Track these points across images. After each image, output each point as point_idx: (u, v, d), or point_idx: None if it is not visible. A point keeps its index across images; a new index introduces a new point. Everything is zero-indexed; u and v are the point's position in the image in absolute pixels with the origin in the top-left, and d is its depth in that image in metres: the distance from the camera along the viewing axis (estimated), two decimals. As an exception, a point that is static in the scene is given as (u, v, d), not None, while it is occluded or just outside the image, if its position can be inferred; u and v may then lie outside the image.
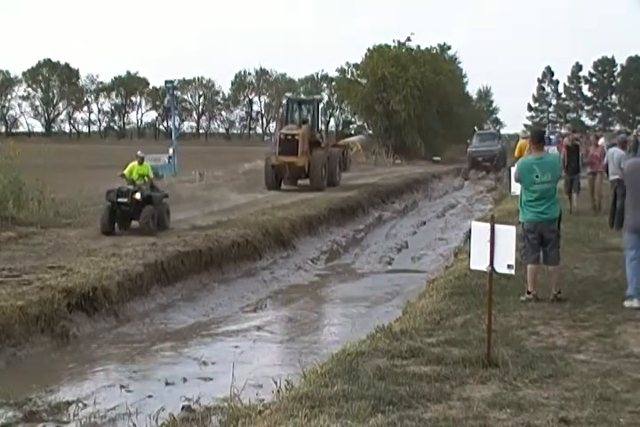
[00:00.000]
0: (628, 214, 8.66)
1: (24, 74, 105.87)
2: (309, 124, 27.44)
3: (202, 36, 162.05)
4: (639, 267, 8.60)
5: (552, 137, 37.55)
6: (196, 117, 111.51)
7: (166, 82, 38.12)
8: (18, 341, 9.67)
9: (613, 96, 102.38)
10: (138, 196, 16.16)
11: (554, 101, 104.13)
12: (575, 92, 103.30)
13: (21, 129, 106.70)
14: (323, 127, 30.34)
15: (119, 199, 16.15)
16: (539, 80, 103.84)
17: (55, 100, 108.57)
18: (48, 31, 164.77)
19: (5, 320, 9.56)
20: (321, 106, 30.12)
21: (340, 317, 12.53)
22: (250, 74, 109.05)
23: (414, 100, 51.53)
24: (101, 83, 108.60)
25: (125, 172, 17.21)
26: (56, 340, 10.20)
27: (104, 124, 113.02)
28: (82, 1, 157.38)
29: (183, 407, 7.42)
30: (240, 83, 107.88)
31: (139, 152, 17.64)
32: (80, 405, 7.90)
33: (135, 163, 17.36)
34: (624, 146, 16.55)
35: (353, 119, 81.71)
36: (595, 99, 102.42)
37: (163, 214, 16.77)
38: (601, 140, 23.54)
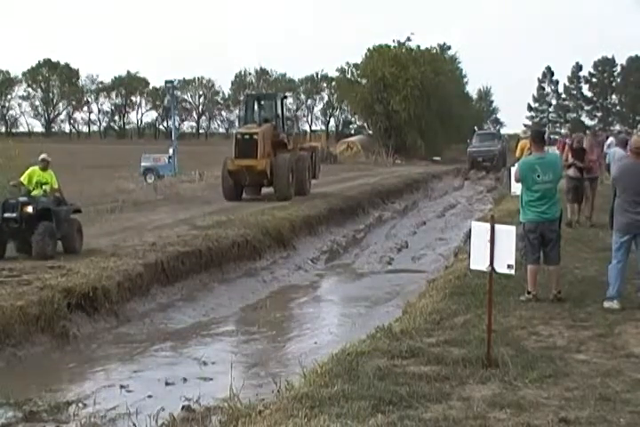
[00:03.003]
0: (618, 216, 8.68)
1: (24, 74, 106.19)
2: (273, 122, 23.78)
3: (202, 36, 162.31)
4: (624, 269, 8.63)
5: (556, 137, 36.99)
6: (195, 117, 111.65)
7: (166, 82, 38.20)
8: (18, 341, 9.67)
9: (613, 96, 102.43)
10: (30, 209, 12.94)
11: (554, 101, 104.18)
12: (575, 92, 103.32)
13: (21, 129, 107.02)
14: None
15: (5, 215, 12.92)
16: (539, 80, 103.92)
17: (55, 100, 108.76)
18: (48, 31, 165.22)
19: (5, 320, 9.56)
20: (286, 102, 26.48)
21: (340, 317, 12.53)
22: (250, 74, 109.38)
23: (414, 100, 51.60)
24: (101, 83, 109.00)
25: (22, 178, 13.90)
26: (56, 340, 10.20)
27: (104, 124, 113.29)
28: (82, 1, 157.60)
29: (183, 407, 7.42)
30: (240, 83, 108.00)
31: (43, 155, 14.13)
32: (80, 405, 7.90)
33: (36, 168, 13.98)
34: (625, 146, 16.54)
35: (353, 119, 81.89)
36: (595, 99, 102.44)
37: (70, 233, 13.70)
38: (610, 140, 23.20)
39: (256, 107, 24.93)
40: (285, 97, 27.17)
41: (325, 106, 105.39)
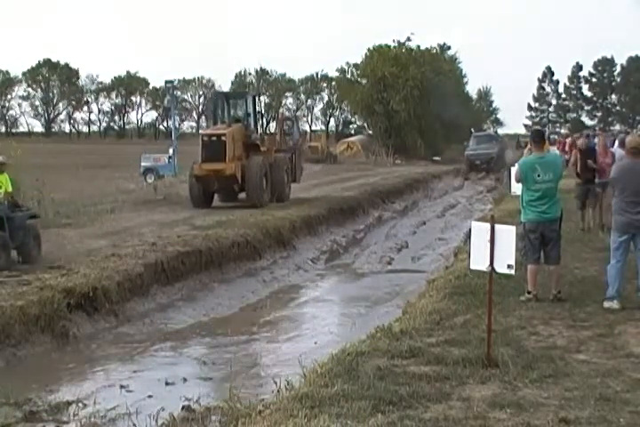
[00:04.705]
0: (617, 216, 8.70)
1: (24, 74, 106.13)
2: (245, 123, 21.98)
3: (202, 36, 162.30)
4: (623, 269, 8.64)
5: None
6: (195, 117, 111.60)
7: (166, 82, 38.12)
8: (18, 341, 9.67)
9: (613, 96, 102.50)
10: None
11: (554, 101, 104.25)
12: (575, 92, 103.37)
13: (21, 129, 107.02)
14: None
15: None
16: (539, 80, 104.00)
17: (55, 100, 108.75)
18: (48, 31, 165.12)
19: (5, 320, 9.56)
20: (258, 102, 24.04)
21: (340, 317, 12.53)
22: (250, 74, 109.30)
23: (414, 100, 51.60)
24: (101, 83, 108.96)
25: None
26: (56, 340, 10.20)
27: (104, 124, 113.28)
28: (82, 1, 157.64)
29: (183, 407, 7.42)
30: (240, 83, 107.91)
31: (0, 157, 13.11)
32: (80, 405, 7.90)
33: None
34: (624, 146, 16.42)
35: (353, 119, 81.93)
36: (595, 99, 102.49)
37: (27, 242, 12.60)
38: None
39: (225, 106, 22.97)
40: (258, 95, 25.15)
41: (325, 106, 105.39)
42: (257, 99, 23.89)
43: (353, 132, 77.03)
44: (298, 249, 17.57)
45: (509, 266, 6.56)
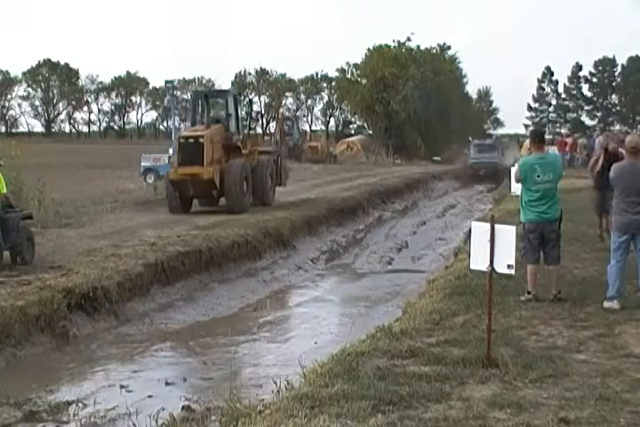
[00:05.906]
0: (617, 216, 8.71)
1: (24, 74, 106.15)
2: (225, 123, 20.52)
3: (202, 36, 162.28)
4: (623, 269, 8.65)
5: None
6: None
7: (166, 82, 38.07)
8: (18, 341, 9.66)
9: (613, 96, 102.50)
10: None
11: (554, 101, 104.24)
12: (575, 92, 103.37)
13: (21, 129, 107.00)
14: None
15: None
16: (539, 80, 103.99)
17: (55, 100, 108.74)
18: (48, 31, 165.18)
19: (5, 320, 9.55)
20: (241, 100, 22.32)
21: (340, 317, 12.53)
22: (250, 74, 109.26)
23: (414, 100, 51.63)
24: (101, 83, 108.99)
25: None
26: (56, 340, 10.20)
27: (104, 125, 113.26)
28: (82, 1, 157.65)
29: (183, 407, 7.42)
30: (240, 83, 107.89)
31: None
32: (80, 405, 7.90)
33: None
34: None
35: (353, 119, 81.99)
36: (595, 99, 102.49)
37: (20, 243, 12.27)
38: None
39: (205, 106, 21.43)
40: (239, 94, 23.61)
41: (325, 106, 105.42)
42: (240, 97, 22.46)
43: (353, 132, 77.07)
44: (298, 249, 17.57)
45: (509, 266, 6.56)
